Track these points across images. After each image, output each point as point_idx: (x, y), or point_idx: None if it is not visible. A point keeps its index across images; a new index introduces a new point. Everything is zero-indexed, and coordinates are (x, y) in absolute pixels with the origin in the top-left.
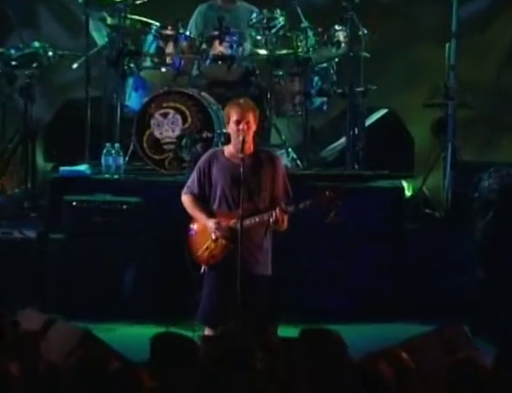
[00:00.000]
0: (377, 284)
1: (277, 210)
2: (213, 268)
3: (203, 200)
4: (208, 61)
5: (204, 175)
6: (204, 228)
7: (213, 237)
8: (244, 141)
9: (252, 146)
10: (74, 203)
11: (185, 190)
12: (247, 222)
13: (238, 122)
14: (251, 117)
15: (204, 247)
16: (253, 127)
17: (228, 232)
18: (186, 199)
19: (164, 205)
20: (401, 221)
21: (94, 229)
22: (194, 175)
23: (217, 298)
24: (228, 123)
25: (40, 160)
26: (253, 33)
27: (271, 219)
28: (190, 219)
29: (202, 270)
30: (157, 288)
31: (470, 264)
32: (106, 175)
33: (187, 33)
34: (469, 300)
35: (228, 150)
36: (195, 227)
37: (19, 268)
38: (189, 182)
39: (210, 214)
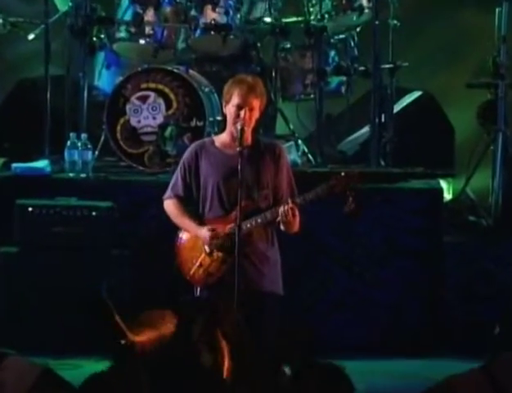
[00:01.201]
0: (406, 311)
1: (284, 206)
2: (211, 288)
3: (190, 204)
4: (198, 32)
5: (190, 173)
6: (194, 240)
7: (207, 249)
8: (242, 130)
9: (250, 137)
10: (30, 208)
11: (167, 193)
12: (247, 225)
13: (239, 107)
14: (256, 103)
15: (198, 264)
16: (257, 115)
17: (226, 241)
18: (169, 204)
19: (143, 212)
20: (438, 231)
21: (54, 241)
22: (177, 174)
23: None
24: (227, 104)
25: None
26: None
27: (277, 217)
28: (175, 227)
29: (197, 292)
30: (134, 316)
31: None
32: (71, 174)
33: None
34: None
35: (221, 139)
36: (183, 238)
37: None
38: (172, 184)
39: (201, 220)
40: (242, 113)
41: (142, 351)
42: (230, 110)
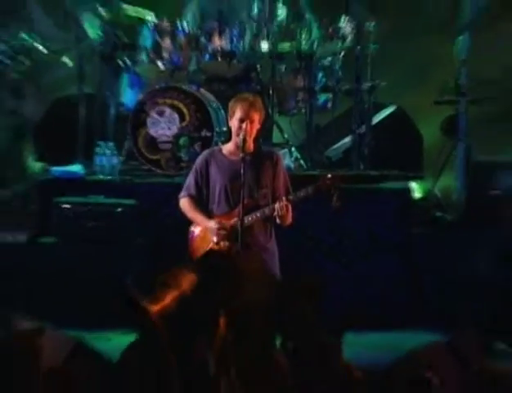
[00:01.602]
0: (384, 293)
1: (279, 202)
2: None
3: (201, 201)
4: (207, 56)
5: (202, 176)
6: (205, 232)
7: (215, 239)
8: (244, 140)
9: (252, 145)
10: (65, 205)
11: (182, 193)
12: (248, 218)
13: (241, 120)
14: (256, 117)
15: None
16: (257, 127)
17: (230, 233)
18: (184, 202)
19: (161, 208)
20: (409, 225)
21: (86, 233)
22: (190, 177)
23: None
24: (232, 118)
25: (30, 160)
26: (255, 26)
27: (274, 212)
28: (188, 221)
29: None
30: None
31: (486, 272)
32: (100, 176)
33: (185, 26)
34: (486, 312)
35: (227, 147)
36: (195, 230)
37: (8, 273)
38: (186, 185)
39: (210, 215)
40: (244, 125)
41: (165, 315)
42: (234, 123)
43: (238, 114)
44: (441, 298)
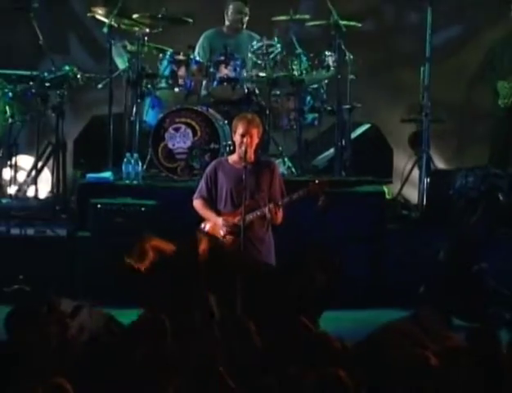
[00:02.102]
0: (362, 276)
1: (272, 204)
2: None
3: (211, 202)
4: (215, 83)
5: (211, 181)
6: (213, 227)
7: (222, 233)
8: (245, 152)
9: (253, 156)
10: (99, 205)
11: (195, 195)
12: (250, 216)
13: (242, 135)
14: (255, 132)
15: None
16: (256, 140)
17: (234, 229)
18: (197, 203)
19: (178, 208)
20: (382, 221)
21: (116, 228)
22: (202, 182)
23: None
24: (235, 133)
25: (70, 168)
26: (254, 58)
27: (267, 213)
28: (200, 219)
29: None
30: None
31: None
32: (127, 181)
33: (197, 57)
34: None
35: (232, 158)
36: (205, 226)
37: (51, 262)
38: (198, 188)
39: (218, 213)
40: (245, 139)
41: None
42: (236, 137)
43: (240, 130)
44: (404, 280)
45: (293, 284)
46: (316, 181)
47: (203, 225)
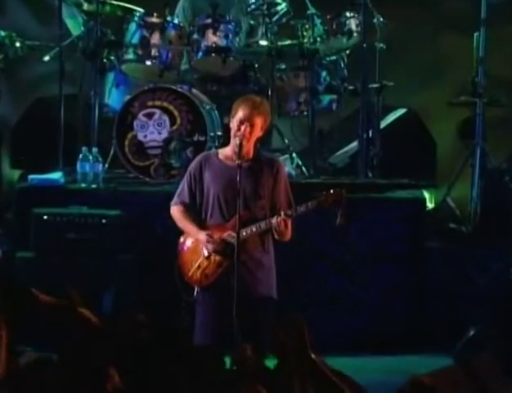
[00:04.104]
0: (391, 311)
1: (277, 218)
2: (206, 290)
3: (194, 210)
4: (199, 54)
5: (195, 181)
6: (195, 244)
7: (206, 252)
8: (241, 145)
9: (251, 151)
10: (45, 217)
11: (174, 200)
12: (243, 233)
13: (241, 122)
14: (258, 121)
15: (196, 265)
16: (258, 132)
17: (222, 246)
18: (175, 210)
19: (149, 219)
20: (421, 238)
21: (67, 247)
22: (184, 182)
23: (213, 327)
24: (233, 118)
25: (6, 166)
26: (252, 21)
27: (272, 227)
28: (179, 234)
29: (195, 293)
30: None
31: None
32: (82, 184)
33: (176, 20)
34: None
35: (225, 151)
36: (185, 242)
37: None
38: (178, 191)
39: (203, 226)
40: (243, 127)
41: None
42: (233, 123)
43: (239, 114)
44: (449, 318)
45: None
46: (331, 191)
47: (182, 240)
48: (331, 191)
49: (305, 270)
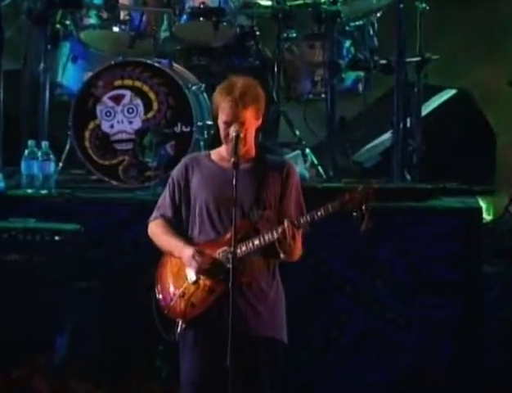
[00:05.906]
0: (436, 357)
1: (284, 225)
2: (193, 324)
3: (179, 226)
4: (183, 17)
5: (180, 191)
6: (180, 266)
7: (193, 275)
8: (237, 137)
9: (253, 149)
10: None
11: (153, 215)
12: (242, 248)
13: (227, 123)
14: (249, 114)
15: (180, 292)
16: (254, 125)
17: (214, 267)
18: (154, 227)
19: (117, 236)
20: (476, 260)
21: (7, 272)
22: (165, 192)
23: (201, 373)
24: (217, 115)
25: None
26: None
27: (282, 235)
28: (157, 255)
29: (178, 330)
30: (106, 361)
31: None
32: (29, 190)
33: None
34: None
35: (218, 151)
36: (166, 264)
37: None
38: (158, 204)
39: (190, 242)
40: (231, 130)
41: None
42: (220, 124)
43: (222, 116)
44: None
45: None
46: (359, 188)
47: (162, 261)
48: (359, 188)
49: (321, 303)
